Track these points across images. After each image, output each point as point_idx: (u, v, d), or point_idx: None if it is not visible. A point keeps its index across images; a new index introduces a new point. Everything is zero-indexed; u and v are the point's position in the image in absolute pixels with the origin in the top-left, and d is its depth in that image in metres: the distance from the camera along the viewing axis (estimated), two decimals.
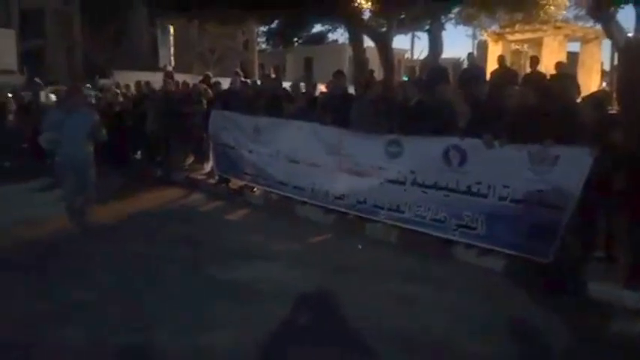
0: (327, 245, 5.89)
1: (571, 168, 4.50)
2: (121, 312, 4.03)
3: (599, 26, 11.32)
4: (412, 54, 27.10)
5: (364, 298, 4.35)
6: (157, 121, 9.32)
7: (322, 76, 14.94)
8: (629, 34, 8.54)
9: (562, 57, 15.54)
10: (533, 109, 5.02)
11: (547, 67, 12.02)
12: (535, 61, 9.13)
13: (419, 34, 19.07)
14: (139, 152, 10.26)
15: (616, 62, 12.43)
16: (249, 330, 3.76)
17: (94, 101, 11.06)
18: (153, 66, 21.37)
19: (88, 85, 13.97)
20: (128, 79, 14.45)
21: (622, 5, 7.96)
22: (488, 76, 9.89)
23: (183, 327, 3.80)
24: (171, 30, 20.31)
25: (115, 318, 3.92)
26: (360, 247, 5.75)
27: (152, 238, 5.91)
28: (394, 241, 5.89)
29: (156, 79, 13.00)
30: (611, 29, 8.09)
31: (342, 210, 6.45)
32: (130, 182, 8.89)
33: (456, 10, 12.47)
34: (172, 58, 20.44)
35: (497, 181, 5.01)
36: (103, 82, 18.19)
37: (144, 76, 14.67)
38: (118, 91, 11.60)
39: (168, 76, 13.58)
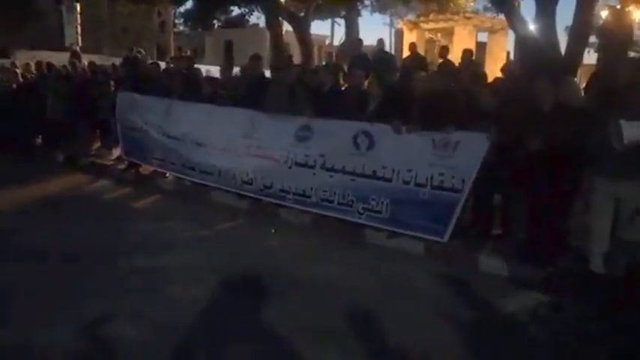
0: (240, 230, 5.81)
1: (470, 153, 4.73)
2: (21, 308, 3.78)
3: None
4: (332, 40, 27.23)
5: (272, 282, 4.34)
6: (57, 104, 8.74)
7: (243, 59, 14.74)
8: (530, 26, 9.05)
9: (471, 46, 16.26)
10: (438, 93, 5.20)
11: (457, 55, 12.51)
12: (445, 50, 9.45)
13: (338, 20, 19.18)
14: (39, 137, 9.57)
15: None
16: (157, 319, 3.65)
17: None
18: (59, 46, 19.98)
19: None
20: (31, 59, 13.42)
21: None
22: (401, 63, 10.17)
23: (88, 320, 3.62)
24: (78, 8, 19.07)
25: (14, 315, 3.69)
26: (273, 231, 5.73)
27: (54, 227, 5.52)
28: (308, 224, 5.92)
29: (62, 59, 12.18)
30: (512, 20, 8.52)
31: (251, 195, 6.38)
32: (31, 169, 8.25)
33: None
34: (79, 37, 19.22)
35: (401, 166, 5.16)
36: (1, 61, 16.77)
37: (48, 56, 13.71)
38: (17, 70, 10.73)
39: (75, 56, 12.77)
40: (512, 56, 20.07)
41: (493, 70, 16.93)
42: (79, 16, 19.40)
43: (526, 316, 3.98)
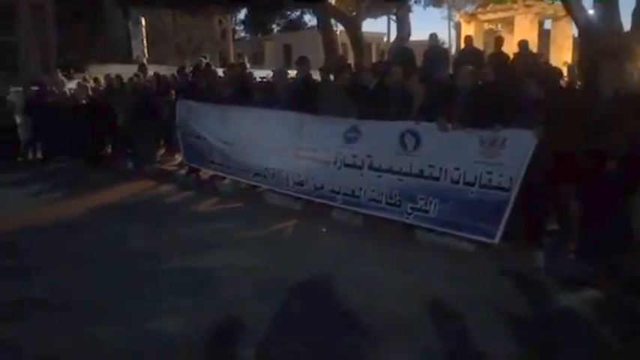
0: (291, 231, 5.95)
1: (517, 150, 4.62)
2: (77, 306, 4.06)
3: None
4: (389, 37, 27.00)
5: (325, 282, 4.42)
6: (125, 114, 9.27)
7: None
8: (590, 11, 8.60)
9: (533, 35, 15.69)
10: (483, 88, 5.10)
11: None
12: (499, 41, 9.16)
13: (393, 17, 19.02)
14: (109, 146, 10.21)
15: None
16: (205, 317, 3.82)
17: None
18: (127, 59, 21.10)
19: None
20: (103, 72, 14.27)
21: None
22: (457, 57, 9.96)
23: (139, 319, 3.84)
24: (143, 21, 20.05)
25: (70, 309, 3.98)
26: (324, 230, 5.83)
27: (116, 230, 5.91)
28: (359, 224, 5.96)
29: (130, 72, 12.85)
30: (571, 7, 8.13)
31: (303, 196, 6.51)
32: (102, 177, 8.83)
33: None
34: (145, 50, 20.22)
35: (448, 164, 5.09)
36: (76, 76, 17.96)
37: (118, 69, 14.49)
38: (88, 85, 11.48)
39: (141, 69, 13.45)
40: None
41: (558, 59, 16.25)
42: (144, 29, 20.42)
43: (585, 313, 3.87)
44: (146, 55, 20.38)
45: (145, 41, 20.40)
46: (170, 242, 5.48)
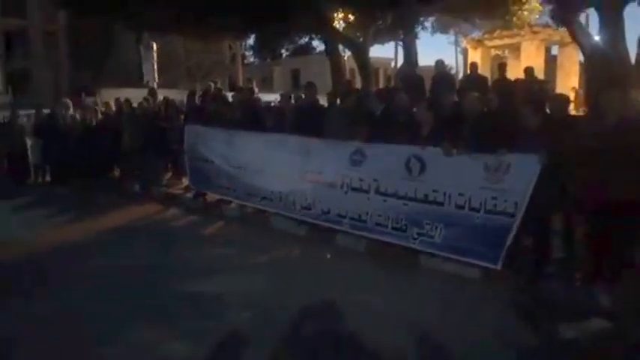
0: (295, 256, 5.94)
1: (522, 175, 4.60)
2: (80, 325, 4.06)
3: None
4: (396, 63, 27.32)
5: (324, 309, 4.38)
6: (134, 137, 9.37)
7: None
8: (596, 37, 8.69)
9: (540, 61, 15.75)
10: (488, 114, 5.12)
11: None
12: (503, 67, 9.23)
13: (401, 43, 19.27)
14: (117, 169, 10.30)
15: None
16: (205, 340, 3.80)
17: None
18: (138, 83, 21.42)
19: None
20: (114, 96, 14.49)
21: (583, 10, 8.11)
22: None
23: (141, 340, 3.85)
24: (154, 46, 20.44)
25: (73, 332, 3.96)
26: (328, 256, 5.80)
27: (121, 253, 5.93)
28: (363, 250, 5.93)
29: (141, 96, 13.04)
30: (576, 33, 8.22)
31: (310, 220, 6.50)
32: (109, 199, 8.90)
33: (431, 19, 12.64)
34: (156, 74, 20.56)
35: (452, 189, 5.08)
36: (87, 100, 18.29)
37: (128, 93, 14.70)
38: (97, 108, 11.65)
39: (151, 92, 13.65)
40: None
41: (564, 84, 16.30)
42: (155, 53, 20.79)
43: (590, 343, 3.79)
44: (157, 80, 20.69)
45: (155, 65, 20.75)
46: (173, 266, 5.48)
